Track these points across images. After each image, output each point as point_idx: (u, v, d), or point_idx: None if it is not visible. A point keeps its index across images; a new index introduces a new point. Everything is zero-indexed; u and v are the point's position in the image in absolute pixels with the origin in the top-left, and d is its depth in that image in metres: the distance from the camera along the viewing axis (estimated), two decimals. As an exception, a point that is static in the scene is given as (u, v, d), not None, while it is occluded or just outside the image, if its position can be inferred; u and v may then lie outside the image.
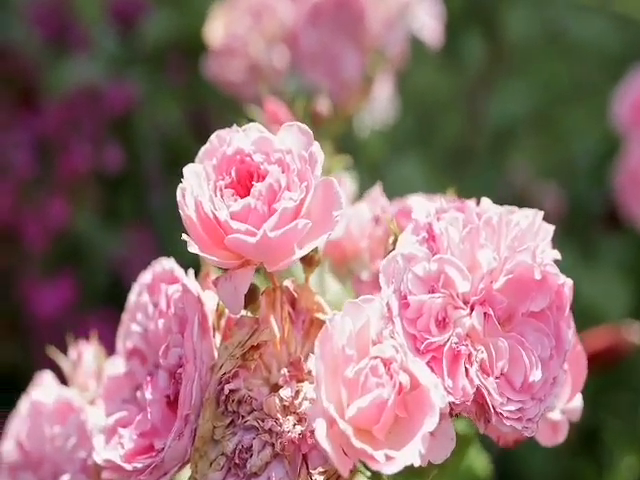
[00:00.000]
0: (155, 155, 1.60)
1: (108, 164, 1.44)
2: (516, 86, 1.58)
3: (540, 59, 1.61)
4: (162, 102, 1.69)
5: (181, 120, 1.66)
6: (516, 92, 1.58)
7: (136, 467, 0.44)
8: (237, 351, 0.45)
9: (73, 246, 1.36)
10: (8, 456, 0.53)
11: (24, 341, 1.29)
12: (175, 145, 1.64)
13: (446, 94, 1.62)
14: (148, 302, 0.50)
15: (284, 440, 0.44)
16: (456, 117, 1.61)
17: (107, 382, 0.50)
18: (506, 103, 1.57)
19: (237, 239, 0.43)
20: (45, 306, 1.24)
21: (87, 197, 1.37)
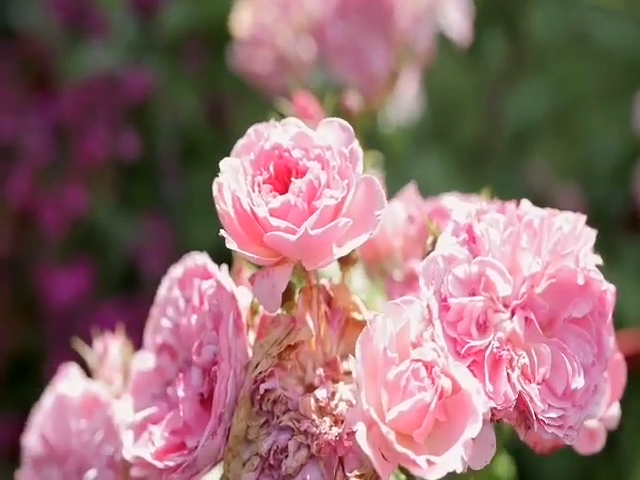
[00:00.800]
0: (171, 144, 1.59)
1: (124, 151, 1.43)
2: (537, 86, 1.57)
3: (562, 60, 1.59)
4: (179, 91, 1.68)
5: (198, 109, 1.65)
6: (537, 92, 1.56)
7: (168, 465, 0.44)
8: (273, 350, 0.44)
9: (89, 233, 1.35)
10: (32, 450, 0.52)
11: (39, 328, 1.28)
12: (191, 135, 1.63)
13: (466, 92, 1.60)
14: (179, 297, 0.49)
15: (320, 442, 0.43)
16: (475, 116, 1.60)
17: (136, 377, 0.50)
18: (526, 103, 1.55)
19: (277, 236, 0.42)
20: (60, 293, 1.23)
21: (104, 184, 1.36)
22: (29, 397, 1.30)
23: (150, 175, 1.53)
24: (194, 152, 1.60)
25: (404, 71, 1.06)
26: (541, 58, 1.59)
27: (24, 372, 1.29)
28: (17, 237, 1.31)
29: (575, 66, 1.55)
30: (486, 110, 1.55)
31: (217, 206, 0.45)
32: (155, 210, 1.44)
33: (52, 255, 1.31)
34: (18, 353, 1.28)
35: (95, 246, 1.35)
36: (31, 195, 1.28)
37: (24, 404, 1.31)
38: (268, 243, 0.43)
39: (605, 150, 1.43)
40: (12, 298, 1.29)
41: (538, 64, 1.59)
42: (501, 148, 1.54)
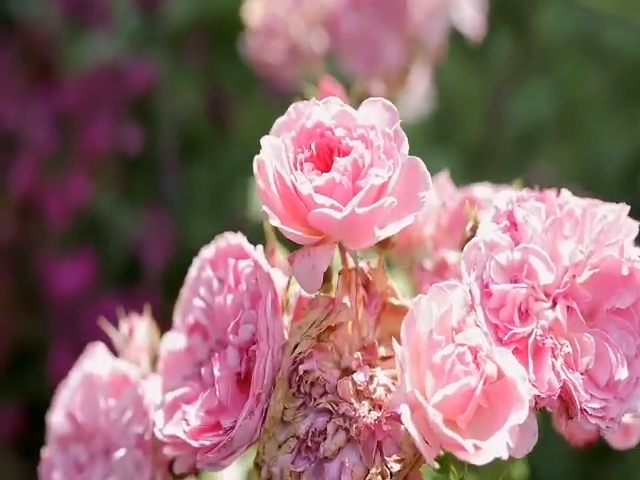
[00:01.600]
0: (171, 138, 1.58)
1: (127, 144, 1.42)
2: (543, 88, 1.57)
3: (569, 62, 1.59)
4: (181, 85, 1.67)
5: (199, 104, 1.64)
6: (543, 94, 1.56)
7: (203, 444, 0.43)
8: (313, 331, 0.44)
9: (91, 225, 1.34)
10: (58, 428, 0.51)
11: (41, 318, 1.27)
12: (191, 130, 1.63)
13: (471, 92, 1.60)
14: (212, 277, 0.48)
15: (359, 425, 0.42)
16: (480, 116, 1.60)
17: (166, 357, 0.49)
18: (532, 104, 1.55)
19: (322, 214, 0.42)
20: (63, 283, 1.22)
21: (106, 176, 1.35)
22: (31, 387, 1.29)
23: (150, 169, 1.52)
24: (194, 147, 1.59)
25: (415, 67, 1.06)
26: (548, 59, 1.59)
27: (26, 362, 1.28)
28: (20, 227, 1.29)
29: (582, 68, 1.55)
30: (491, 110, 1.55)
31: (257, 183, 0.45)
32: (155, 204, 1.43)
33: (55, 245, 1.29)
34: (20, 343, 1.27)
35: (97, 237, 1.34)
36: (34, 185, 1.27)
37: (26, 393, 1.30)
38: (312, 221, 0.42)
39: (612, 154, 1.43)
40: (14, 288, 1.28)
41: (545, 65, 1.59)
42: (505, 150, 1.53)
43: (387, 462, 0.41)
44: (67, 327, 1.22)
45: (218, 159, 1.56)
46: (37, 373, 1.26)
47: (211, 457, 0.43)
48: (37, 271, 1.26)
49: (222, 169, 1.51)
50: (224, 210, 1.42)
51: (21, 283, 1.29)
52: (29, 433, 1.26)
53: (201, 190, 1.53)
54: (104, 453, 0.50)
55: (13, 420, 1.24)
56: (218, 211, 1.43)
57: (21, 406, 1.26)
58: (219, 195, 1.46)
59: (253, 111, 1.63)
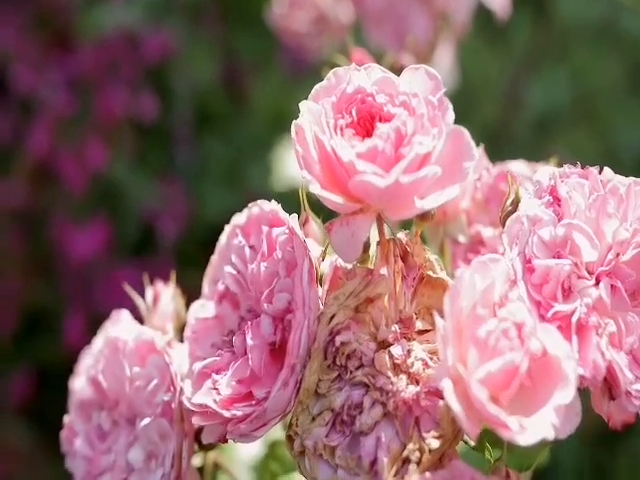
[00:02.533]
0: (186, 109, 1.56)
1: (142, 112, 1.40)
2: (561, 72, 1.55)
3: (588, 48, 1.57)
4: (197, 55, 1.65)
5: (215, 76, 1.62)
6: (560, 79, 1.54)
7: (235, 414, 0.41)
8: (351, 301, 0.42)
9: (107, 192, 1.33)
10: (81, 393, 0.50)
11: (54, 284, 1.26)
12: (206, 101, 1.61)
13: (489, 75, 1.58)
14: (244, 244, 0.47)
15: (397, 400, 0.41)
16: (497, 98, 1.58)
17: (195, 325, 0.47)
18: (549, 89, 1.53)
19: (364, 182, 0.40)
20: (77, 250, 1.21)
21: (122, 143, 1.34)
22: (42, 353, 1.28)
23: (165, 139, 1.51)
24: (209, 119, 1.58)
25: (441, 42, 1.04)
26: (567, 45, 1.57)
27: (37, 328, 1.27)
28: (35, 191, 1.28)
29: (600, 55, 1.53)
30: (509, 93, 1.53)
31: (296, 148, 0.43)
32: (170, 174, 1.41)
33: (70, 211, 1.28)
34: (32, 309, 1.26)
35: (112, 206, 1.33)
36: (50, 149, 1.25)
37: (37, 360, 1.29)
38: (352, 189, 0.41)
39: (628, 140, 1.41)
40: (28, 253, 1.27)
41: (563, 51, 1.57)
42: (522, 133, 1.52)
43: (425, 438, 0.40)
44: (80, 294, 1.21)
45: (233, 131, 1.54)
46: (48, 340, 1.25)
47: (243, 428, 0.41)
48: (51, 237, 1.25)
49: (237, 142, 1.49)
50: (239, 183, 1.41)
51: (35, 248, 1.28)
52: (39, 400, 1.26)
53: (216, 162, 1.51)
54: (127, 421, 0.49)
55: (23, 386, 1.23)
56: (233, 184, 1.41)
57: (32, 372, 1.25)
58: (234, 168, 1.44)
59: (270, 84, 1.61)
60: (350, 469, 0.40)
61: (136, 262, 1.25)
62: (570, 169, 0.47)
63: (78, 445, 0.49)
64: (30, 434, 1.23)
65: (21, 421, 1.23)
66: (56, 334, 1.23)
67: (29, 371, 1.24)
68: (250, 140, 1.48)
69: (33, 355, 1.25)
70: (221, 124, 1.56)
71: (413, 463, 0.40)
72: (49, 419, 1.27)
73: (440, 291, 0.46)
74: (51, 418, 1.29)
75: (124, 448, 0.48)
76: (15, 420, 1.23)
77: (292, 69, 1.59)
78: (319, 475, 0.41)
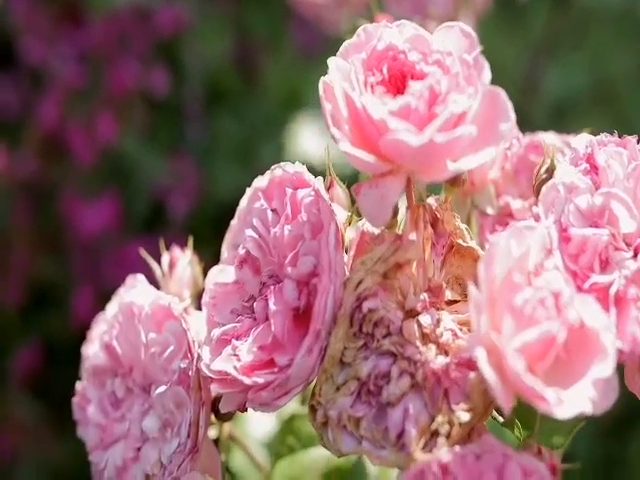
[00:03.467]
0: (197, 86, 1.54)
1: (153, 87, 1.38)
2: (578, 58, 1.52)
3: (606, 33, 1.54)
4: (209, 32, 1.63)
5: (226, 52, 1.60)
6: (578, 64, 1.52)
7: (256, 382, 0.40)
8: (379, 267, 0.40)
9: (117, 167, 1.31)
10: (94, 360, 0.48)
11: (62, 259, 1.24)
12: (218, 78, 1.59)
13: (507, 58, 1.55)
14: (266, 207, 0.45)
15: (426, 370, 0.39)
16: (514, 82, 1.55)
17: (214, 290, 0.46)
18: (567, 74, 1.51)
19: (397, 140, 0.38)
20: (87, 224, 1.19)
21: (134, 117, 1.32)
22: (49, 328, 1.27)
23: (175, 115, 1.49)
24: (220, 96, 1.56)
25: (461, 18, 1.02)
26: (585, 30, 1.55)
27: (45, 302, 1.25)
28: (44, 164, 1.26)
29: (618, 41, 1.50)
30: (526, 78, 1.51)
31: (323, 106, 0.41)
32: (181, 151, 1.39)
33: (79, 185, 1.26)
34: (40, 283, 1.24)
35: (122, 181, 1.31)
36: (60, 122, 1.23)
37: (44, 334, 1.27)
38: (384, 148, 0.39)
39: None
40: (36, 226, 1.25)
41: (582, 36, 1.54)
42: (539, 118, 1.49)
43: (455, 411, 0.38)
44: (89, 270, 1.20)
45: (245, 109, 1.52)
46: (56, 315, 1.23)
47: (264, 396, 0.40)
48: (60, 211, 1.23)
49: (249, 119, 1.47)
50: (251, 161, 1.39)
51: (43, 222, 1.26)
52: (46, 374, 1.24)
53: (227, 140, 1.49)
54: (142, 389, 0.47)
55: (30, 361, 1.22)
56: (244, 162, 1.39)
57: (38, 347, 1.24)
58: (246, 145, 1.43)
59: (282, 62, 1.60)
60: (376, 441, 0.39)
61: (146, 238, 1.23)
62: (607, 137, 0.45)
63: (91, 412, 0.48)
64: (36, 409, 1.21)
65: (27, 395, 1.21)
66: (63, 309, 1.21)
67: (35, 345, 1.23)
68: (262, 118, 1.46)
69: (40, 329, 1.24)
70: (232, 101, 1.54)
71: (442, 436, 0.38)
72: (55, 394, 1.26)
73: (469, 261, 0.44)
74: (57, 393, 1.28)
75: (138, 416, 0.46)
76: (21, 394, 1.22)
77: (305, 47, 1.57)
78: (342, 447, 0.39)
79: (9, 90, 1.32)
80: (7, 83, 1.33)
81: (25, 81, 1.34)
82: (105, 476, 0.46)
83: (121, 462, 0.46)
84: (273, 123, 1.42)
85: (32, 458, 1.17)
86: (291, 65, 1.58)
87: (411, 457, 0.38)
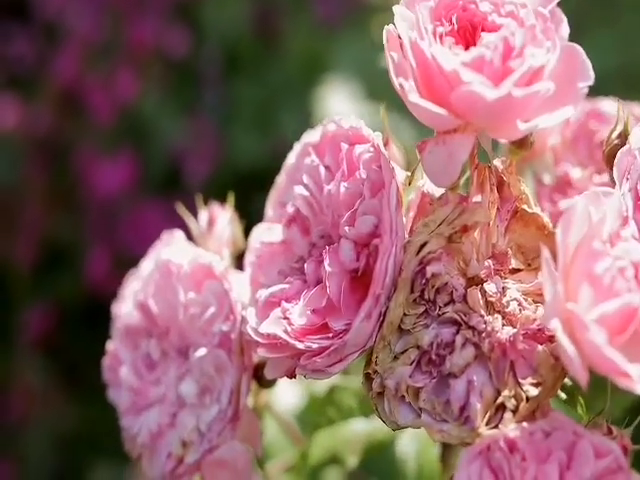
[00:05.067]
0: (215, 50, 1.51)
1: (172, 46, 1.35)
2: (609, 38, 1.49)
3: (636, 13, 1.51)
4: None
5: (247, 17, 1.57)
6: (607, 45, 1.48)
7: (310, 347, 0.37)
8: (444, 229, 0.38)
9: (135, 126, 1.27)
10: (127, 319, 0.46)
11: (77, 217, 1.21)
12: (237, 42, 1.55)
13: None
14: (318, 164, 0.42)
15: (492, 340, 0.36)
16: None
17: (260, 249, 0.43)
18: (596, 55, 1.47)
19: (472, 92, 0.36)
20: (103, 183, 1.16)
21: (152, 76, 1.28)
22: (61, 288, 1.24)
23: (194, 78, 1.45)
24: (239, 61, 1.52)
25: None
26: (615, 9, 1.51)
27: (57, 262, 1.23)
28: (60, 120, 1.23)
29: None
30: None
31: (387, 55, 0.39)
32: (199, 114, 1.36)
33: (96, 143, 1.23)
34: (53, 242, 1.21)
35: (139, 140, 1.28)
36: (77, 77, 1.20)
37: (56, 294, 1.25)
38: (456, 101, 0.36)
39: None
40: (51, 184, 1.22)
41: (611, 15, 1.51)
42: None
43: (522, 385, 0.36)
44: (104, 231, 1.17)
45: (264, 75, 1.49)
46: (69, 276, 1.21)
47: (318, 362, 0.37)
48: (75, 169, 1.20)
49: (268, 85, 1.44)
50: (269, 127, 1.36)
51: (58, 180, 1.23)
52: (57, 337, 1.22)
53: (246, 106, 1.46)
54: (178, 352, 0.44)
55: (41, 322, 1.19)
56: (264, 128, 1.36)
57: (50, 308, 1.21)
58: (265, 112, 1.39)
59: (303, 28, 1.56)
60: (436, 414, 0.36)
61: (162, 200, 1.20)
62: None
63: (123, 374, 0.45)
64: (46, 371, 1.19)
65: (37, 358, 1.19)
66: (76, 270, 1.18)
67: (47, 307, 1.20)
68: (282, 84, 1.43)
69: (52, 291, 1.21)
70: (252, 66, 1.50)
71: (509, 411, 0.36)
72: (66, 357, 1.24)
73: (532, 228, 0.41)
74: (68, 356, 1.26)
75: (174, 380, 0.44)
76: (31, 356, 1.19)
77: (326, 12, 1.53)
78: (400, 418, 0.37)
79: (23, 43, 1.28)
80: (21, 35, 1.29)
81: (40, 34, 1.31)
82: (138, 442, 0.44)
83: (156, 427, 0.43)
84: (293, 89, 1.39)
85: (41, 422, 1.15)
86: (312, 30, 1.54)
87: (475, 432, 0.35)
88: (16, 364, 1.19)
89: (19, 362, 1.19)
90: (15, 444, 1.16)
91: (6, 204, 1.19)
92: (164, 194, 1.23)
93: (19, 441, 1.16)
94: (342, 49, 1.36)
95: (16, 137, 1.20)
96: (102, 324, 1.24)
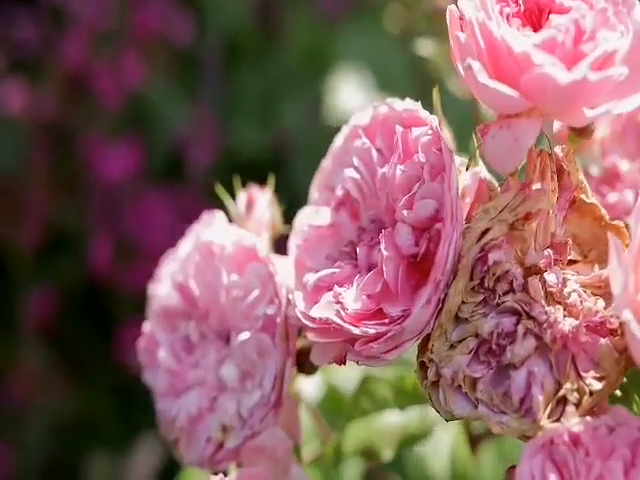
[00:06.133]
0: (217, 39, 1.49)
1: (177, 34, 1.33)
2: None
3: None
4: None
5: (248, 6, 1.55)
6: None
7: (366, 332, 0.36)
8: (507, 216, 0.37)
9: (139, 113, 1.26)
10: (166, 300, 0.44)
11: (80, 202, 1.19)
12: (239, 32, 1.54)
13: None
14: (370, 146, 0.41)
15: (555, 332, 0.35)
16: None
17: (308, 233, 0.42)
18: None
19: (545, 75, 0.35)
20: (108, 169, 1.14)
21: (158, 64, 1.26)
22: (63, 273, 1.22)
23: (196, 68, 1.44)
24: (240, 52, 1.51)
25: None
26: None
27: (61, 247, 1.20)
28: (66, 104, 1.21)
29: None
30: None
31: (453, 35, 0.37)
32: (202, 103, 1.34)
33: (102, 128, 1.21)
34: (56, 226, 1.19)
35: (143, 127, 1.26)
36: (84, 62, 1.18)
37: (58, 279, 1.23)
38: (527, 83, 0.35)
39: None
40: (55, 168, 1.20)
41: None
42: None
43: (584, 378, 0.35)
44: (107, 216, 1.15)
45: (266, 65, 1.48)
46: (71, 261, 1.19)
47: (375, 348, 0.36)
48: (80, 153, 1.18)
49: (269, 77, 1.43)
50: (271, 118, 1.34)
51: (62, 164, 1.21)
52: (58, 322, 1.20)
53: (247, 96, 1.44)
54: (218, 335, 0.43)
55: (43, 307, 1.17)
56: (264, 118, 1.35)
57: (52, 293, 1.19)
58: (266, 102, 1.38)
59: (304, 19, 1.55)
60: (494, 405, 0.35)
61: (165, 189, 1.19)
62: None
63: (161, 356, 0.44)
64: (46, 356, 1.17)
65: (38, 343, 1.17)
66: (79, 256, 1.16)
67: (49, 292, 1.18)
68: (283, 76, 1.42)
69: (54, 275, 1.19)
70: (253, 57, 1.49)
71: (571, 404, 0.34)
72: (66, 342, 1.22)
73: (589, 219, 0.40)
74: (68, 342, 1.24)
75: (214, 364, 0.42)
76: (32, 341, 1.17)
77: (328, 6, 1.52)
78: (455, 409, 0.36)
79: (29, 26, 1.26)
80: (27, 19, 1.27)
81: (46, 18, 1.29)
82: (176, 425, 0.42)
83: (196, 411, 0.42)
84: (295, 80, 1.38)
85: (40, 407, 1.13)
86: (314, 22, 1.53)
87: (537, 425, 0.34)
88: (17, 348, 1.17)
89: (20, 346, 1.17)
90: (14, 428, 1.14)
91: (10, 188, 1.17)
92: (167, 182, 1.21)
93: (18, 425, 1.14)
94: (348, 41, 1.34)
95: (21, 121, 1.18)
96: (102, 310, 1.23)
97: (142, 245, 1.09)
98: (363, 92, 1.22)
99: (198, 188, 1.18)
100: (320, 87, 1.35)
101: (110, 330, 1.18)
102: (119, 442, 1.10)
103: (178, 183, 1.21)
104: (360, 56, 1.29)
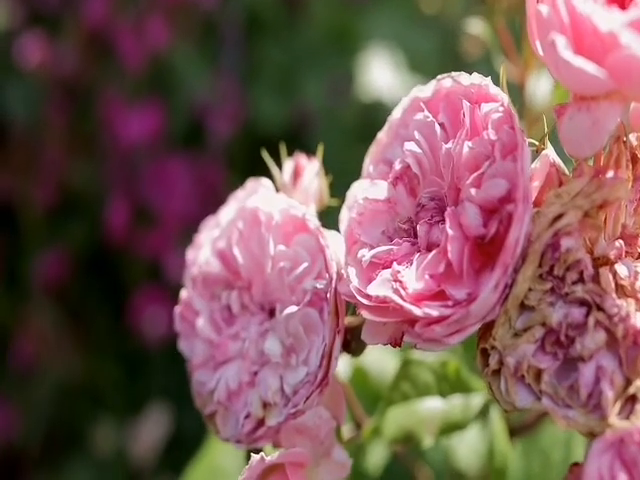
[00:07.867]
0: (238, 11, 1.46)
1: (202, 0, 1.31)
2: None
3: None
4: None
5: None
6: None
7: (429, 314, 0.34)
8: (583, 202, 0.35)
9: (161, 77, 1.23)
10: (206, 267, 0.42)
11: (98, 164, 1.16)
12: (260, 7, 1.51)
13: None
14: (432, 120, 0.39)
15: (627, 326, 0.33)
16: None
17: (364, 206, 0.40)
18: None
19: (633, 57, 0.33)
20: (127, 131, 1.11)
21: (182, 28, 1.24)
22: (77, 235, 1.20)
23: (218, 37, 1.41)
24: (262, 25, 1.48)
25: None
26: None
27: (75, 209, 1.18)
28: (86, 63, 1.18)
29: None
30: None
31: (537, 10, 0.35)
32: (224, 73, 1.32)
33: (123, 89, 1.18)
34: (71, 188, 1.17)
35: (165, 91, 1.23)
36: (107, 20, 1.15)
37: (71, 241, 1.20)
38: (613, 64, 0.33)
39: None
40: (72, 127, 1.17)
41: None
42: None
43: (655, 377, 0.33)
44: (124, 180, 1.13)
45: (287, 40, 1.45)
46: (84, 223, 1.16)
47: (437, 331, 0.34)
48: (99, 114, 1.15)
49: (290, 51, 1.40)
50: (292, 92, 1.32)
51: (79, 124, 1.18)
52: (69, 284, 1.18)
53: (268, 70, 1.42)
54: (260, 307, 0.41)
55: (54, 268, 1.15)
56: (285, 93, 1.32)
57: (64, 255, 1.17)
58: (287, 77, 1.35)
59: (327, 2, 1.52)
60: (559, 399, 0.33)
61: (184, 156, 1.16)
62: None
63: (200, 326, 0.42)
64: (57, 318, 1.15)
65: (47, 304, 1.15)
66: (92, 218, 1.14)
67: (60, 253, 1.16)
68: (305, 51, 1.39)
69: (67, 237, 1.17)
70: (275, 31, 1.47)
71: (641, 403, 0.33)
72: (75, 305, 1.20)
73: (658, 212, 0.38)
74: (77, 304, 1.22)
75: (256, 337, 0.41)
76: (41, 302, 1.15)
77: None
78: (517, 400, 0.34)
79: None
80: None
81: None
82: (214, 398, 0.41)
83: (235, 385, 0.40)
84: (316, 56, 1.35)
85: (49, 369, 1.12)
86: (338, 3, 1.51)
87: (605, 422, 0.32)
88: (26, 308, 1.15)
89: (29, 306, 1.15)
90: (20, 390, 1.12)
91: (25, 143, 1.14)
92: (186, 149, 1.19)
93: (24, 387, 1.12)
94: (377, 20, 1.32)
95: (39, 75, 1.15)
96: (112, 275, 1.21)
97: (159, 211, 1.06)
98: (393, 71, 1.20)
99: (217, 157, 1.16)
100: (343, 65, 1.33)
101: (119, 296, 1.16)
102: (126, 409, 1.08)
103: (197, 151, 1.18)
104: (389, 36, 1.27)
